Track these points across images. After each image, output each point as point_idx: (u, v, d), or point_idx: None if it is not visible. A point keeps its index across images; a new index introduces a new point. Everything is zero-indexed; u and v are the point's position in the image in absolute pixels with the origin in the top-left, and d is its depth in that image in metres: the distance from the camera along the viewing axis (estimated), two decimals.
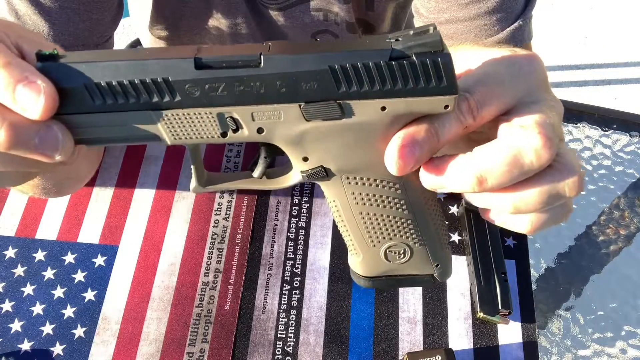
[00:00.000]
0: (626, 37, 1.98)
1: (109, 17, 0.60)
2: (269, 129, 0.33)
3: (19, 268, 0.58)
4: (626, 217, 0.71)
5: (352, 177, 0.35)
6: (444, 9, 0.60)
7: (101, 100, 0.31)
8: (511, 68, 0.33)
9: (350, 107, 0.32)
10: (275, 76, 0.31)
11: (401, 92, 0.31)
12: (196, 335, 0.54)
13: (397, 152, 0.32)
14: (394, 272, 0.39)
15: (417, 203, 0.36)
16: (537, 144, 0.31)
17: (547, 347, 0.60)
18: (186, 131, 0.32)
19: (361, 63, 0.31)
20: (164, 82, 0.31)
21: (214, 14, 0.72)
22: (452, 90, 0.31)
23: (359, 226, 0.37)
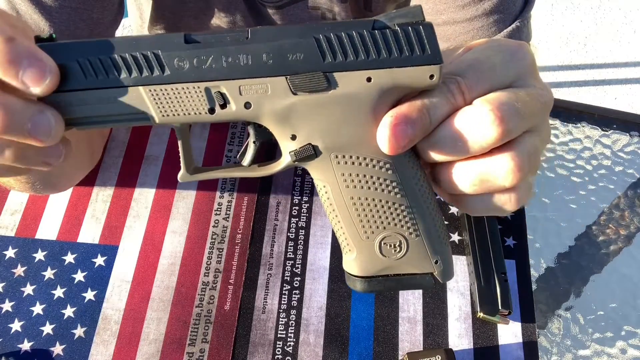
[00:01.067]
0: (626, 37, 1.98)
1: (109, 17, 0.60)
2: (256, 104, 0.32)
3: (19, 268, 0.58)
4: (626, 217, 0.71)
5: (341, 156, 0.34)
6: (441, 11, 0.60)
7: (93, 75, 0.31)
8: (502, 54, 0.34)
9: (336, 79, 0.32)
10: (262, 47, 0.32)
11: (385, 62, 0.32)
12: (196, 335, 0.54)
13: (389, 131, 0.31)
14: (391, 269, 0.37)
15: (410, 187, 0.35)
16: (486, 119, 0.31)
17: (547, 347, 0.60)
18: (174, 107, 0.32)
19: (345, 33, 0.32)
20: (154, 56, 0.32)
21: (213, 14, 0.72)
22: (436, 59, 0.32)
23: (351, 214, 0.35)
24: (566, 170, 0.78)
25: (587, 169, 0.74)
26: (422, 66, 0.32)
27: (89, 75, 0.31)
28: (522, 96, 0.33)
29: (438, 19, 0.60)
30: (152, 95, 0.32)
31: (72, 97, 0.32)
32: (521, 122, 0.32)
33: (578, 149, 0.75)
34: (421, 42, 0.32)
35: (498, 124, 0.31)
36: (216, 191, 0.62)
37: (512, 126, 0.31)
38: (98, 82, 0.32)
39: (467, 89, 0.32)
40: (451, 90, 0.32)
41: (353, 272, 0.37)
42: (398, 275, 0.37)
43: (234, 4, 0.70)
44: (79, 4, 0.55)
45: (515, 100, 0.32)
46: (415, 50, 0.32)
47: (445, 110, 0.32)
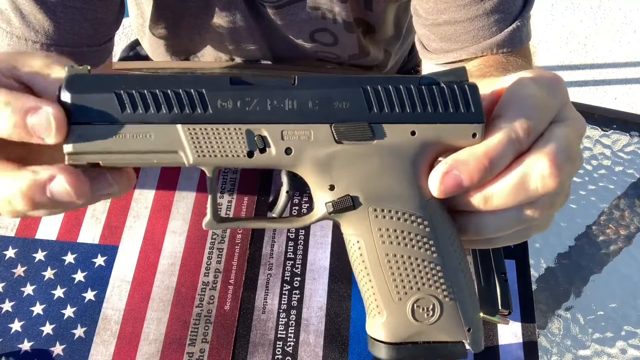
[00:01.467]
0: (626, 37, 1.98)
1: (112, 17, 0.60)
2: (297, 150, 0.32)
3: (19, 268, 0.58)
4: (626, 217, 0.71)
5: (379, 210, 0.33)
6: (442, 10, 0.60)
7: (130, 109, 0.30)
8: (547, 89, 0.33)
9: (381, 129, 0.32)
10: (309, 94, 0.31)
11: (430, 117, 0.32)
12: (196, 335, 0.54)
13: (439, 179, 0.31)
14: (421, 336, 0.34)
15: (445, 246, 0.33)
16: (545, 171, 0.31)
17: (547, 347, 0.60)
18: (212, 147, 0.31)
19: (393, 86, 0.32)
20: (198, 94, 0.31)
21: (213, 13, 0.72)
22: (479, 118, 0.32)
23: (384, 272, 0.33)
24: None
25: (587, 169, 0.74)
26: (466, 124, 0.32)
27: (127, 108, 0.31)
28: (572, 139, 0.32)
29: (439, 18, 0.60)
30: (191, 134, 0.31)
31: (107, 129, 0.31)
32: (572, 167, 0.32)
33: None
34: (466, 101, 0.32)
35: (555, 177, 0.31)
36: (216, 191, 0.62)
37: (565, 173, 0.31)
38: (135, 116, 0.31)
39: (532, 132, 0.32)
40: (520, 138, 0.31)
41: (380, 337, 0.34)
42: (428, 343, 0.34)
43: (234, 4, 0.70)
44: (84, 3, 0.55)
45: (568, 147, 0.32)
46: (460, 108, 0.32)
47: (510, 159, 0.32)
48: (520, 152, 0.32)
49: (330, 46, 0.79)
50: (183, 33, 0.77)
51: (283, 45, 0.79)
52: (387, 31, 0.81)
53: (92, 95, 0.30)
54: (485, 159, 0.31)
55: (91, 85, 0.30)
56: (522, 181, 0.31)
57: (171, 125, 0.31)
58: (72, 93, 0.30)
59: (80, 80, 0.30)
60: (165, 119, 0.31)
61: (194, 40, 0.80)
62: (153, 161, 0.32)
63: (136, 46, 0.98)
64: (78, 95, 0.30)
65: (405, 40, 0.89)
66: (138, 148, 0.31)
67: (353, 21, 0.73)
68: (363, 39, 0.79)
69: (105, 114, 0.30)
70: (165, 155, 0.32)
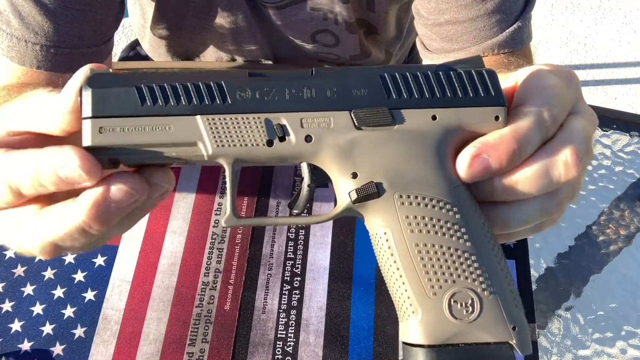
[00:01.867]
0: (626, 37, 1.98)
1: (111, 17, 0.60)
2: (317, 137, 0.31)
3: (19, 268, 0.58)
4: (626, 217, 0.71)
5: (405, 196, 0.31)
6: (443, 10, 0.60)
7: (150, 101, 0.31)
8: (565, 81, 0.34)
9: (401, 115, 0.32)
10: (327, 82, 0.31)
11: (450, 101, 0.32)
12: (196, 335, 0.54)
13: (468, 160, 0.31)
14: (462, 336, 0.31)
15: (478, 235, 0.32)
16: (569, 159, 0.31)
17: (547, 347, 0.60)
18: (231, 137, 0.31)
19: (410, 73, 0.31)
20: (217, 86, 0.31)
21: (215, 14, 0.72)
22: (500, 102, 0.32)
23: (416, 264, 0.31)
24: None
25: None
26: (488, 107, 0.32)
27: (147, 101, 0.31)
28: (589, 131, 0.33)
29: (440, 18, 0.60)
30: (210, 124, 0.31)
31: (127, 122, 0.31)
32: (587, 159, 0.33)
33: None
34: (485, 85, 0.32)
35: (577, 165, 0.31)
36: (216, 191, 0.62)
37: (584, 163, 0.32)
38: (155, 109, 0.31)
39: (557, 119, 0.32)
40: (548, 126, 0.32)
41: (416, 340, 0.31)
42: (470, 345, 0.31)
43: (236, 5, 0.70)
44: (84, 5, 0.55)
45: (586, 137, 0.32)
46: (480, 92, 0.32)
47: (537, 145, 0.32)
48: (545, 138, 0.32)
49: (331, 47, 0.79)
50: (184, 33, 0.77)
51: (284, 46, 0.79)
52: (389, 32, 0.81)
53: (113, 89, 0.31)
54: (514, 143, 0.31)
55: (112, 81, 0.31)
56: (546, 168, 0.31)
57: (190, 117, 0.31)
58: (93, 87, 0.31)
59: (101, 77, 0.31)
60: (184, 110, 0.31)
61: (195, 40, 0.80)
62: (172, 154, 0.32)
63: (136, 46, 0.98)
64: (98, 90, 0.31)
65: (405, 41, 0.89)
66: (158, 140, 0.31)
67: (355, 22, 0.73)
68: (365, 40, 0.79)
69: (125, 107, 0.31)
70: (184, 149, 0.32)
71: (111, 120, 0.31)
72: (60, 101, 0.31)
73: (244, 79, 0.31)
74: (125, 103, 0.31)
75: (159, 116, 0.31)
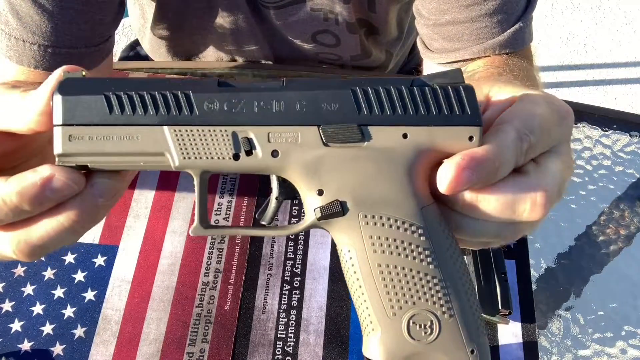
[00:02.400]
0: (626, 37, 1.98)
1: (110, 17, 0.60)
2: (284, 152, 0.31)
3: (19, 268, 0.58)
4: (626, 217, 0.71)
5: (370, 216, 0.31)
6: (444, 10, 0.60)
7: (118, 110, 0.31)
8: (557, 115, 0.33)
9: (370, 132, 0.31)
10: (297, 95, 0.31)
11: (423, 119, 0.31)
12: (196, 335, 0.54)
13: (454, 171, 0.29)
14: (420, 357, 0.32)
15: (443, 258, 0.32)
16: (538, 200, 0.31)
17: (547, 347, 0.60)
18: (197, 149, 0.31)
19: (383, 87, 0.31)
20: (185, 96, 0.31)
21: (216, 14, 0.72)
22: (475, 121, 0.31)
23: (377, 284, 0.31)
24: None
25: (587, 169, 0.74)
26: (462, 126, 0.31)
27: (115, 110, 0.31)
28: (565, 177, 0.32)
29: (442, 18, 0.60)
30: (177, 135, 0.31)
31: (95, 130, 0.31)
32: (556, 203, 0.32)
33: (578, 149, 0.75)
34: (461, 103, 0.31)
35: (543, 209, 0.31)
36: (216, 191, 0.62)
37: (551, 207, 0.31)
38: (122, 118, 0.31)
39: (532, 150, 0.31)
40: (523, 150, 0.31)
41: (375, 356, 0.32)
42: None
43: (236, 5, 0.70)
44: (81, 5, 0.55)
45: (561, 183, 0.32)
46: (455, 110, 0.31)
47: (511, 169, 0.31)
48: (517, 165, 0.31)
49: (332, 47, 0.79)
50: (185, 34, 0.77)
51: (285, 46, 0.79)
52: (390, 32, 0.81)
53: (82, 98, 0.31)
54: (497, 161, 0.30)
55: (81, 88, 0.31)
56: (514, 202, 0.31)
57: (158, 127, 0.31)
58: (63, 95, 0.31)
59: (72, 83, 0.31)
60: (152, 120, 0.31)
61: (195, 41, 0.79)
62: (140, 164, 0.32)
63: (136, 46, 0.98)
64: (69, 98, 0.31)
65: (406, 41, 0.89)
66: (125, 150, 0.31)
67: (355, 22, 0.73)
68: (365, 40, 0.79)
69: (93, 116, 0.31)
70: (152, 158, 0.32)
71: (80, 128, 0.31)
72: (34, 102, 0.31)
73: (213, 89, 0.31)
74: (94, 112, 0.31)
75: (126, 125, 0.31)
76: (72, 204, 0.31)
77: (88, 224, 0.32)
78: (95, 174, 0.31)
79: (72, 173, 0.31)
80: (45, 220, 0.31)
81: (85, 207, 0.31)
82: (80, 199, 0.31)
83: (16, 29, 0.54)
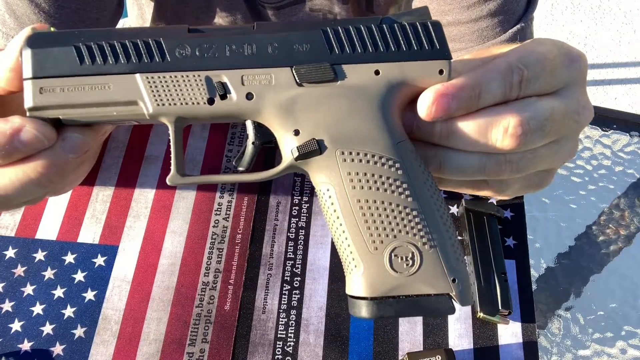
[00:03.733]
0: (626, 37, 1.98)
1: (108, 16, 0.60)
2: (258, 94, 0.31)
3: (19, 268, 0.58)
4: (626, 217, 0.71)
5: (347, 153, 0.31)
6: (445, 11, 0.60)
7: (89, 61, 0.31)
8: (564, 57, 0.32)
9: (343, 70, 0.31)
10: (268, 38, 0.31)
11: (394, 56, 0.31)
12: (196, 335, 0.54)
13: (433, 96, 0.30)
14: (403, 289, 0.32)
15: (421, 191, 0.32)
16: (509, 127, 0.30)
17: (547, 347, 0.60)
18: (171, 95, 0.31)
19: (353, 26, 0.31)
20: (155, 43, 0.31)
21: (214, 15, 0.72)
22: (445, 54, 0.31)
23: (357, 220, 0.32)
24: (566, 170, 0.78)
25: (587, 169, 0.74)
26: (431, 61, 0.31)
27: (85, 60, 0.31)
28: (556, 114, 0.31)
29: (443, 19, 0.61)
30: (149, 83, 0.31)
31: (66, 82, 0.31)
32: (542, 139, 0.31)
33: (578, 149, 0.76)
34: (430, 38, 0.31)
35: (516, 138, 0.30)
36: (216, 191, 0.62)
37: (529, 140, 0.31)
38: (93, 67, 0.31)
39: (526, 83, 0.31)
40: (513, 82, 0.31)
41: (359, 292, 0.32)
42: (410, 297, 0.32)
43: (234, 5, 0.70)
44: (78, 4, 0.55)
45: (546, 117, 0.31)
46: (424, 45, 0.31)
47: (497, 100, 0.31)
48: (508, 97, 0.31)
49: None
50: None
51: None
52: None
53: (52, 50, 0.30)
54: (477, 88, 0.30)
55: (51, 41, 0.31)
56: (486, 127, 0.31)
57: (130, 75, 0.31)
58: (32, 48, 0.31)
59: (40, 36, 0.31)
60: (123, 69, 0.31)
61: None
62: (113, 113, 0.31)
63: None
64: (38, 50, 0.30)
65: None
66: (97, 100, 0.31)
67: None
68: None
69: (64, 67, 0.31)
70: (124, 108, 0.31)
71: (51, 80, 0.31)
72: (2, 59, 0.31)
73: (184, 36, 0.31)
74: (65, 63, 0.31)
75: (98, 75, 0.31)
76: (41, 155, 0.30)
77: (55, 178, 0.31)
78: (67, 128, 0.31)
79: (44, 126, 0.30)
80: (10, 168, 0.30)
81: (54, 161, 0.31)
82: (51, 151, 0.31)
83: (13, 28, 0.54)
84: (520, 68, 0.31)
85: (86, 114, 0.31)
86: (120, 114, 0.32)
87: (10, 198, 0.31)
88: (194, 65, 0.31)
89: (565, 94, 0.33)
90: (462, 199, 0.61)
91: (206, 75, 0.31)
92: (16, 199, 0.32)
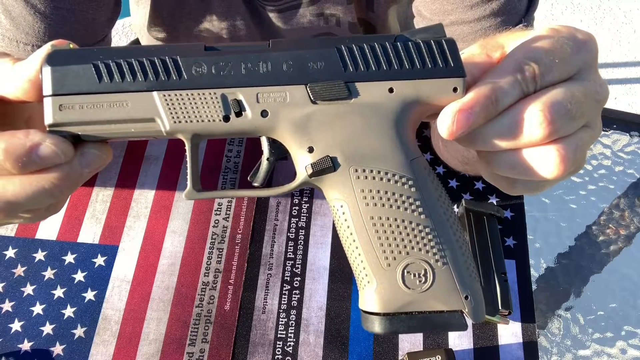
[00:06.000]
0: (626, 37, 1.98)
1: (105, 17, 0.59)
2: (273, 112, 0.32)
3: (19, 268, 0.58)
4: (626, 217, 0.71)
5: (361, 170, 0.32)
6: (448, 11, 0.60)
7: (107, 78, 0.31)
8: (573, 43, 0.33)
9: (357, 88, 0.32)
10: (283, 56, 0.31)
11: (408, 73, 0.31)
12: (196, 335, 0.54)
13: (451, 116, 0.30)
14: (414, 305, 0.32)
15: (434, 207, 0.32)
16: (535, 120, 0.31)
17: (547, 347, 0.60)
18: (187, 113, 0.32)
19: (367, 44, 0.31)
20: (172, 61, 0.31)
21: (212, 16, 0.72)
22: (459, 72, 0.32)
23: (371, 237, 0.32)
24: None
25: (587, 169, 0.74)
26: (446, 78, 0.31)
27: (104, 78, 0.31)
28: (577, 96, 0.32)
29: (446, 19, 0.60)
30: (166, 100, 0.31)
31: (85, 99, 0.31)
32: (571, 123, 0.32)
33: None
34: (444, 55, 0.31)
35: (546, 125, 0.31)
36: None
37: (560, 126, 0.31)
38: (112, 85, 0.31)
39: (540, 77, 0.31)
40: (526, 78, 0.31)
41: (372, 308, 0.32)
42: (423, 313, 0.32)
43: (234, 7, 0.70)
44: (74, 5, 0.55)
45: (569, 101, 0.31)
46: (438, 63, 0.31)
47: (515, 98, 0.31)
48: (526, 93, 0.31)
49: None
50: (181, 36, 0.77)
51: None
52: (388, 32, 0.81)
53: (71, 67, 0.31)
54: (493, 95, 0.30)
55: (70, 58, 0.31)
56: (512, 124, 0.31)
57: (147, 93, 0.31)
58: (52, 66, 0.31)
59: (60, 54, 0.31)
60: (141, 86, 0.31)
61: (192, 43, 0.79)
62: (131, 130, 0.32)
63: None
64: (57, 68, 0.31)
65: None
66: (115, 117, 0.31)
67: (357, 21, 0.73)
68: None
69: (83, 85, 0.31)
70: (142, 125, 0.32)
71: (70, 97, 0.31)
72: (24, 69, 0.31)
73: (200, 54, 0.31)
74: (83, 80, 0.31)
75: (116, 93, 0.31)
76: (58, 168, 0.31)
77: (67, 190, 0.32)
78: (85, 143, 0.32)
79: (63, 143, 0.31)
80: (24, 177, 0.31)
81: (70, 174, 0.31)
82: (67, 165, 0.31)
83: (9, 30, 0.54)
84: (529, 64, 0.31)
85: (104, 131, 0.32)
86: (138, 130, 0.32)
87: (18, 205, 0.32)
88: (210, 83, 0.31)
89: (580, 77, 0.33)
90: (462, 200, 0.61)
91: (222, 93, 0.32)
92: (23, 207, 0.32)
